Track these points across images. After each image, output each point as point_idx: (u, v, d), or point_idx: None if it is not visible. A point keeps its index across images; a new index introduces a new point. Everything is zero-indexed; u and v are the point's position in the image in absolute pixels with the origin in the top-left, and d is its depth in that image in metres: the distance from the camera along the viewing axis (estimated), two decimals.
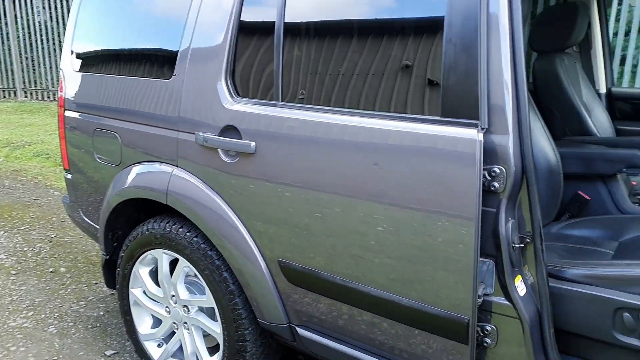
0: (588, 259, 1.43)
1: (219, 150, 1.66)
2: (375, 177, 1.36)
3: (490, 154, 1.24)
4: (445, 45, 1.27)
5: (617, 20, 5.35)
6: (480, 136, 1.21)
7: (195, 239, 1.77)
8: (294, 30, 1.55)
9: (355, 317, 1.51)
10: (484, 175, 1.24)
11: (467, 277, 1.26)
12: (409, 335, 1.42)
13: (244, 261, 1.66)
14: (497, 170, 1.24)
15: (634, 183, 2.03)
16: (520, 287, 1.30)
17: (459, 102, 1.27)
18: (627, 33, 5.31)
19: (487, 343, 1.33)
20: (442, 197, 1.27)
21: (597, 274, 1.35)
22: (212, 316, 1.86)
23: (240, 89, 1.66)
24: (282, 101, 1.57)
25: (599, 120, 2.30)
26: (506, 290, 1.29)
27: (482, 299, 1.30)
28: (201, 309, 1.89)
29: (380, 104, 1.40)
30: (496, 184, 1.24)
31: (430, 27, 1.32)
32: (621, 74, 5.31)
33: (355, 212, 1.41)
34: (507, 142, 1.23)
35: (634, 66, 5.35)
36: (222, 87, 1.67)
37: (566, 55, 2.32)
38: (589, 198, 1.89)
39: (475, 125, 1.24)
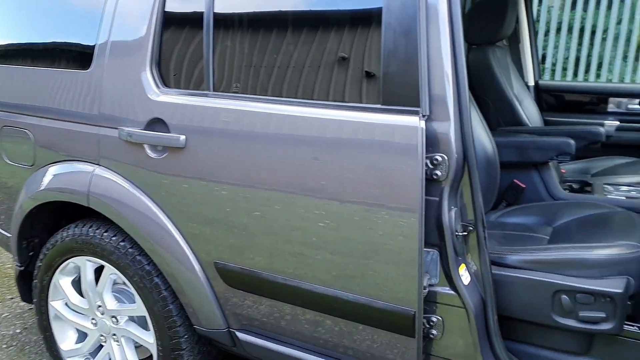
0: (526, 245, 1.44)
1: (145, 146, 1.53)
2: (315, 171, 1.30)
3: (432, 142, 1.22)
4: (385, 32, 1.23)
5: (537, 20, 5.66)
6: (422, 123, 1.18)
7: (122, 243, 1.63)
8: (225, 19, 1.46)
9: (298, 316, 1.44)
10: (426, 164, 1.21)
11: (412, 269, 1.23)
12: (353, 332, 1.37)
13: (177, 265, 1.54)
14: (439, 158, 1.21)
15: (563, 171, 2.11)
16: (464, 275, 1.28)
17: (400, 90, 1.23)
18: (547, 33, 5.63)
19: (433, 335, 1.31)
20: (384, 188, 1.23)
21: (535, 258, 1.36)
22: (143, 326, 1.72)
23: (167, 80, 1.54)
24: (213, 91, 1.47)
25: (530, 111, 2.37)
26: (451, 280, 1.27)
27: (427, 289, 1.27)
28: (131, 319, 1.74)
29: (319, 94, 1.34)
30: (438, 172, 1.22)
31: (369, 15, 1.27)
32: (543, 71, 5.61)
33: (295, 208, 1.34)
34: (449, 129, 1.21)
35: (553, 64, 5.67)
36: (147, 78, 1.54)
37: (498, 48, 2.38)
38: (524, 186, 1.94)
39: (416, 113, 1.21)
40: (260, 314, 1.50)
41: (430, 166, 1.22)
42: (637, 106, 2.54)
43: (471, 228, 1.28)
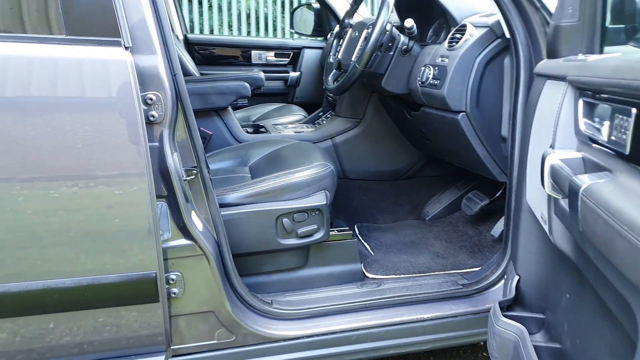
0: (238, 183, 1.48)
1: None
2: None
3: (140, 79, 1.06)
4: None
5: None
6: (129, 56, 1.01)
7: None
8: None
9: None
10: None
11: (144, 228, 1.07)
12: (52, 329, 1.10)
13: None
14: (153, 97, 1.07)
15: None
16: (197, 222, 1.21)
17: (90, 14, 1.01)
18: None
19: (174, 293, 1.20)
20: (79, 148, 1.00)
21: (254, 192, 1.41)
22: None
23: None
24: None
25: (190, 64, 2.38)
26: (185, 230, 1.18)
27: (161, 246, 1.14)
28: None
29: None
30: (155, 114, 1.08)
31: None
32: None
33: None
34: (157, 63, 1.08)
35: None
36: None
37: None
38: (211, 133, 1.96)
39: (117, 44, 1.02)
40: None
41: (145, 107, 1.07)
42: (274, 58, 2.92)
43: (195, 171, 1.21)
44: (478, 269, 1.60)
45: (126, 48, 1.03)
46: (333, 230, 1.55)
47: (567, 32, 1.10)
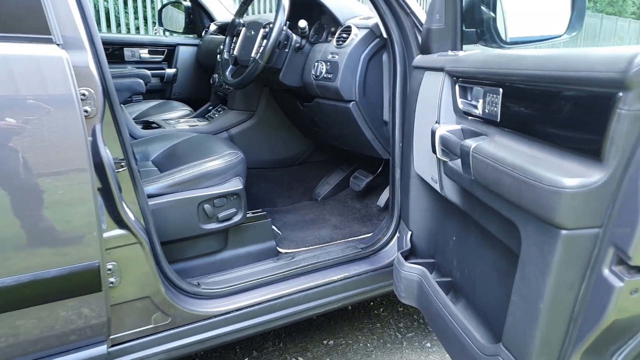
0: (150, 177, 1.52)
1: None
2: None
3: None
4: None
5: None
6: (65, 53, 1.04)
7: None
8: None
9: None
10: None
11: (88, 220, 1.10)
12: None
13: None
14: (86, 93, 1.11)
15: None
16: (129, 212, 1.26)
17: (17, 11, 1.01)
18: None
19: (111, 283, 1.24)
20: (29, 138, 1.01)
21: (174, 182, 1.48)
22: None
23: None
24: None
25: None
26: (120, 220, 1.22)
27: (103, 236, 1.17)
28: None
29: None
30: (88, 109, 1.12)
31: None
32: None
33: None
34: (87, 59, 1.11)
35: None
36: None
37: None
38: None
39: (49, 41, 1.03)
40: None
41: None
42: (148, 55, 2.89)
43: (123, 164, 1.25)
44: (370, 234, 1.87)
45: (57, 45, 1.04)
46: (248, 213, 1.68)
47: (436, 33, 1.40)
